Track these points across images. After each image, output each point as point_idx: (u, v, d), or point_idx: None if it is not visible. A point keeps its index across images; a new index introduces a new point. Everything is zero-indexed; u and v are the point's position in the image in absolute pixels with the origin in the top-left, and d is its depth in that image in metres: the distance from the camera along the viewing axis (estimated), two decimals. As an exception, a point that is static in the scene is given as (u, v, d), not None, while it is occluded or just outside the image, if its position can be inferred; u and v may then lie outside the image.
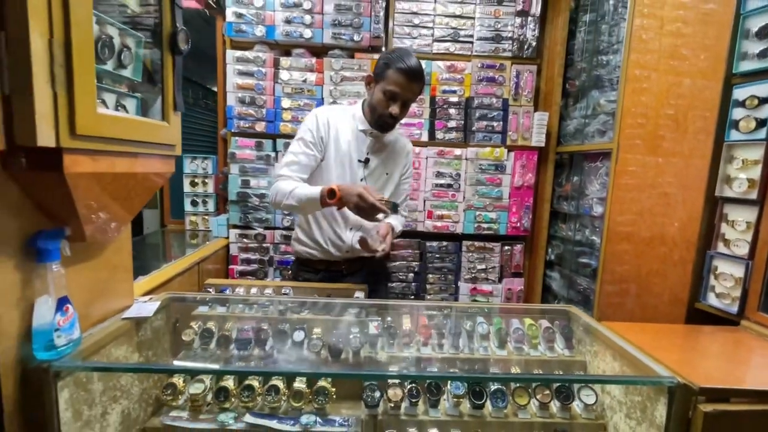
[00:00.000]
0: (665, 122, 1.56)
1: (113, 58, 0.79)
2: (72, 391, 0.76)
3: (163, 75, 0.91)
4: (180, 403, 1.04)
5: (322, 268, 1.53)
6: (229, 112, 1.98)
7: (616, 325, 1.08)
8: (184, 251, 1.89)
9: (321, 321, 1.19)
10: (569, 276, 2.04)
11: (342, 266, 1.53)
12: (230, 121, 1.98)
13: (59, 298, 0.72)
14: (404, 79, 1.33)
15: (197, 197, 2.25)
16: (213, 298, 1.25)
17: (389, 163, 1.53)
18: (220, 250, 2.01)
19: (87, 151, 0.70)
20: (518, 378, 1.00)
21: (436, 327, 1.10)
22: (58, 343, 0.72)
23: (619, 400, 0.94)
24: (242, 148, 2.02)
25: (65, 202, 0.70)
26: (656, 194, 1.57)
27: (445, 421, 0.94)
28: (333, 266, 1.53)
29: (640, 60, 1.56)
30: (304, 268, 1.57)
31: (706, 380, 0.77)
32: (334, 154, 1.44)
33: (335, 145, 1.44)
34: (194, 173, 2.23)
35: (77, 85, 0.64)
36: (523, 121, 2.07)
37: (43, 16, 0.59)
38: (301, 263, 1.58)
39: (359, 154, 1.46)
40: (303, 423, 1.00)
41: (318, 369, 1.09)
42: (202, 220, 2.25)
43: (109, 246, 0.92)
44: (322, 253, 1.50)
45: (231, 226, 2.09)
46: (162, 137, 0.91)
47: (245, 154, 2.01)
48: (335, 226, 1.48)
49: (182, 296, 1.20)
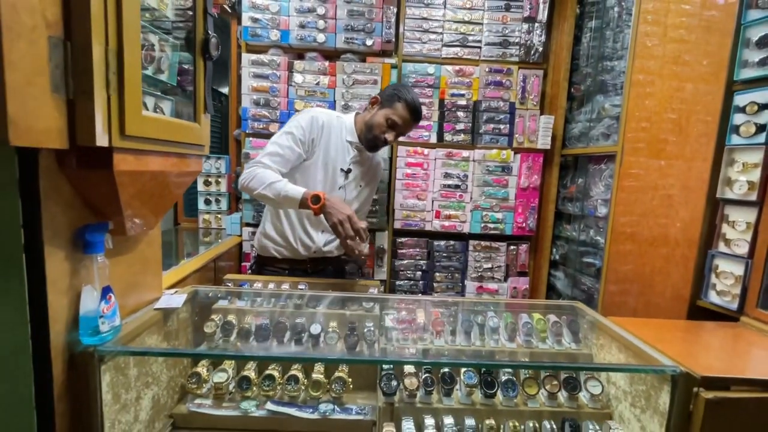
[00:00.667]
0: (668, 126, 1.61)
1: (153, 64, 0.85)
2: (113, 375, 0.81)
3: (196, 79, 0.96)
4: (204, 391, 1.09)
5: (286, 267, 1.56)
6: (244, 113, 2.03)
7: (621, 320, 1.13)
8: (198, 248, 1.94)
9: (337, 315, 1.24)
10: (573, 275, 2.09)
11: (307, 265, 1.57)
12: (245, 123, 2.04)
13: (103, 287, 0.78)
14: (409, 116, 1.46)
15: (210, 196, 2.30)
16: (232, 291, 1.30)
17: (366, 177, 1.63)
18: (233, 248, 2.07)
19: (133, 150, 0.75)
20: (528, 365, 1.05)
21: (449, 321, 1.15)
22: (102, 329, 0.77)
23: (624, 389, 0.99)
24: (256, 148, 2.07)
25: (111, 198, 0.76)
26: (659, 196, 1.62)
27: (459, 409, 0.99)
28: (297, 265, 1.56)
29: (644, 66, 1.61)
30: (269, 267, 1.58)
31: (708, 370, 0.82)
32: (323, 158, 1.50)
33: (325, 149, 1.50)
34: (208, 173, 2.29)
35: (127, 89, 0.70)
36: (530, 124, 2.12)
37: (101, 27, 0.64)
38: (264, 261, 1.59)
39: (343, 164, 1.53)
40: (321, 411, 1.04)
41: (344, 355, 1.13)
42: (215, 218, 2.30)
43: (143, 240, 0.98)
44: (289, 251, 1.53)
45: (244, 224, 2.14)
46: (193, 137, 0.96)
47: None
48: (308, 226, 1.53)
49: (206, 290, 1.26)
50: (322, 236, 1.53)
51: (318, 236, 1.53)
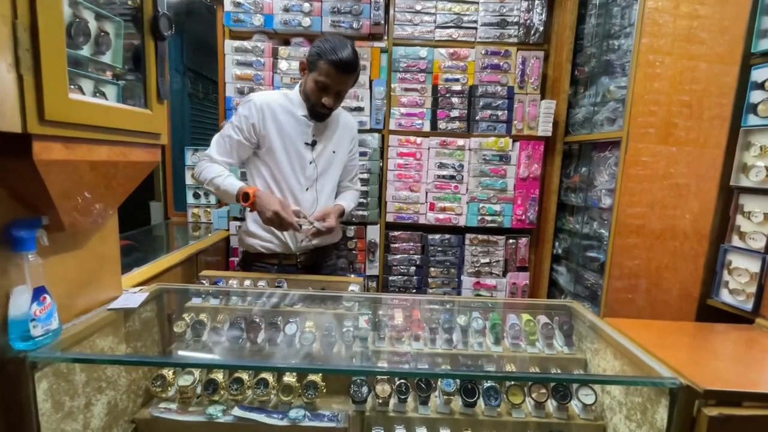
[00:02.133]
0: (679, 109, 1.49)
1: (90, 43, 0.77)
2: (51, 381, 0.75)
3: (145, 61, 0.88)
4: (170, 394, 1.04)
5: (275, 263, 1.50)
6: (228, 103, 1.96)
7: (621, 321, 1.03)
8: (185, 243, 1.89)
9: (314, 314, 1.17)
10: (576, 270, 1.97)
11: (297, 260, 1.51)
12: (229, 113, 1.96)
13: (35, 287, 0.71)
14: (335, 72, 1.30)
15: (199, 190, 2.25)
16: (205, 289, 1.24)
17: (336, 141, 1.52)
18: (220, 242, 2.01)
19: (59, 138, 0.68)
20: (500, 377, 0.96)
21: (429, 321, 1.06)
22: (34, 333, 0.71)
23: (619, 400, 0.89)
24: (242, 139, 2.00)
25: (38, 191, 0.69)
26: (668, 185, 1.49)
27: (435, 419, 0.91)
28: (287, 260, 1.50)
29: (653, 44, 1.47)
30: (257, 264, 1.52)
31: (713, 382, 0.72)
32: (279, 141, 1.42)
33: (278, 131, 1.42)
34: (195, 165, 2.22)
35: (45, 69, 0.62)
36: (529, 110, 2.00)
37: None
38: (252, 258, 1.54)
39: (305, 137, 1.45)
40: (291, 417, 0.98)
41: (309, 363, 1.07)
42: (204, 212, 2.25)
43: (94, 236, 0.91)
44: (279, 246, 1.48)
45: (231, 218, 2.08)
46: (144, 125, 0.89)
47: (245, 146, 1.99)
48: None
49: (174, 288, 1.19)
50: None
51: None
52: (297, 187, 1.46)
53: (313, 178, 1.48)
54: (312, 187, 1.49)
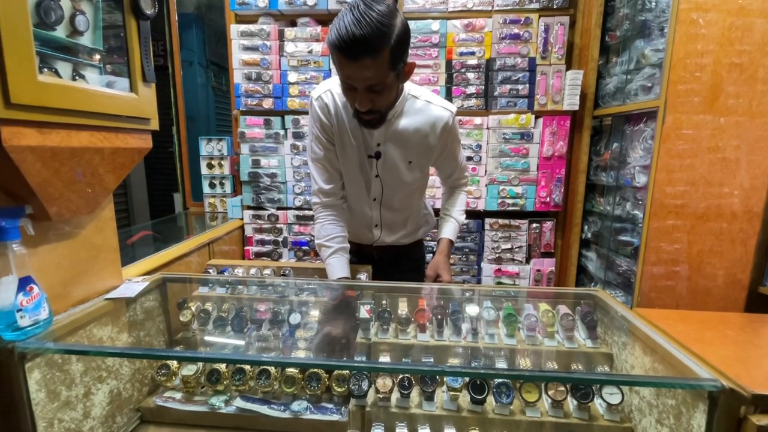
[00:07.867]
0: (727, 73, 1.31)
1: (64, 24, 0.74)
2: (45, 371, 0.74)
3: (128, 42, 0.84)
4: (176, 383, 1.04)
5: (353, 250, 1.31)
6: (236, 89, 1.93)
7: (654, 312, 0.91)
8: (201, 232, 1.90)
9: (319, 303, 1.13)
10: (607, 256, 1.83)
11: (373, 250, 1.36)
12: (238, 100, 1.93)
13: (21, 278, 0.70)
14: (345, 60, 0.89)
15: (215, 179, 2.26)
16: (209, 278, 1.22)
17: (412, 145, 1.13)
18: (234, 231, 2.01)
19: (31, 123, 0.65)
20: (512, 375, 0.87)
21: (437, 311, 0.99)
22: (22, 324, 0.70)
23: (649, 401, 0.79)
24: (251, 126, 1.97)
25: (15, 178, 0.67)
26: (713, 159, 1.32)
27: (440, 416, 0.84)
28: (362, 249, 1.38)
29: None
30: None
31: (764, 385, 0.60)
32: (340, 152, 1.15)
33: (339, 135, 1.13)
34: (210, 155, 2.23)
35: (8, 50, 0.59)
36: (553, 82, 1.83)
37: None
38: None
39: (367, 149, 1.13)
40: (294, 410, 0.95)
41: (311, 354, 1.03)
42: (220, 201, 2.26)
43: (89, 226, 0.90)
44: (353, 236, 1.34)
45: (245, 207, 2.07)
46: (130, 110, 0.85)
47: (254, 133, 1.97)
48: (363, 223, 1.32)
49: (177, 277, 1.18)
50: (378, 231, 1.32)
51: (374, 231, 1.32)
52: (366, 203, 1.25)
53: (379, 194, 1.22)
54: (377, 201, 1.24)
